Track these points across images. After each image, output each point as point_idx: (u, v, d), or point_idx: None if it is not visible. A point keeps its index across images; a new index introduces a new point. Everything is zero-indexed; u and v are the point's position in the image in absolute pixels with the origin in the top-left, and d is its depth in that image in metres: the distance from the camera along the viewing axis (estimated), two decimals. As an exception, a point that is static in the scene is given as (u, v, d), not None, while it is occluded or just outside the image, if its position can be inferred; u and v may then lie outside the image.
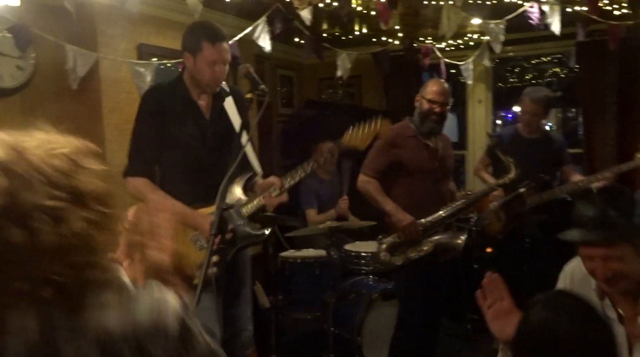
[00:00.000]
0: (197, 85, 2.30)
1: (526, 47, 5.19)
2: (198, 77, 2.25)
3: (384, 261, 2.90)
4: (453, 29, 3.42)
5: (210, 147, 2.31)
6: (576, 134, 7.88)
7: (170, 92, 2.31)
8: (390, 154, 2.96)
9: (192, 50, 2.22)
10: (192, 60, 2.23)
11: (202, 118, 2.33)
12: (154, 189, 2.26)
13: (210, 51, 2.20)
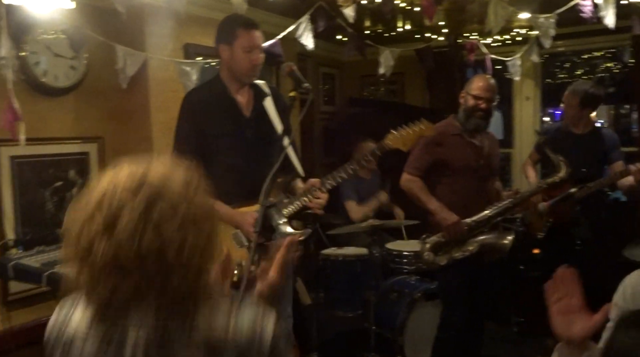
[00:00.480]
0: (235, 79, 2.32)
1: (577, 41, 5.01)
2: (235, 67, 2.28)
3: (428, 261, 2.86)
4: (500, 24, 3.33)
5: (250, 144, 2.31)
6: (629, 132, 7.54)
7: (209, 90, 2.35)
8: (435, 152, 2.91)
9: (227, 40, 2.27)
10: (229, 50, 2.27)
11: (241, 115, 2.35)
12: None
13: (245, 37, 2.25)
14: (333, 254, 3.72)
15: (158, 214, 0.91)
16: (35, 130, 2.86)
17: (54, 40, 2.94)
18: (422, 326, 3.38)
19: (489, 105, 2.88)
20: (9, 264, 2.48)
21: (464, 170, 2.90)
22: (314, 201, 2.26)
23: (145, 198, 0.92)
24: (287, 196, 2.34)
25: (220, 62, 2.36)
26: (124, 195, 0.92)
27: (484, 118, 2.89)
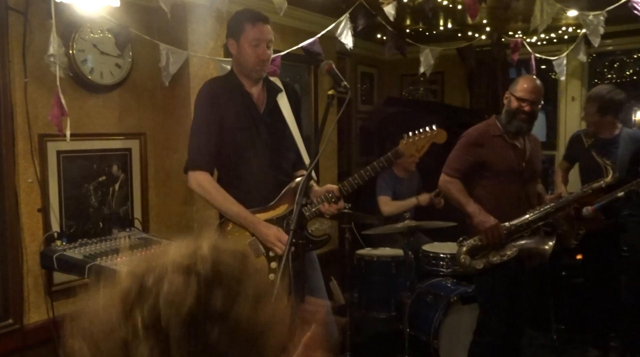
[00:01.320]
0: (242, 72, 2.31)
1: (628, 40, 4.83)
2: (243, 61, 2.26)
3: (464, 264, 2.80)
4: (546, 22, 3.23)
5: (263, 140, 2.29)
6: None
7: (225, 84, 2.33)
8: (475, 153, 2.84)
9: (235, 35, 2.26)
10: (236, 45, 2.26)
11: (256, 110, 2.32)
12: (216, 186, 2.25)
13: (252, 31, 2.22)
14: (368, 255, 3.70)
15: (221, 299, 0.69)
16: (80, 126, 2.95)
17: (101, 38, 3.02)
18: (457, 330, 3.32)
19: (533, 108, 2.79)
20: (54, 255, 2.56)
21: (504, 173, 2.83)
22: (327, 207, 2.21)
23: (201, 284, 0.68)
24: (306, 200, 2.26)
25: (233, 59, 2.35)
26: (172, 278, 0.69)
27: (527, 121, 2.80)
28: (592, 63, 5.38)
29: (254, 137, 2.29)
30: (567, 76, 4.73)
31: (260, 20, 2.26)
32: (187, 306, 0.66)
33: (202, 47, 3.45)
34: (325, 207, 2.21)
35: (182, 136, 3.46)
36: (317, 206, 2.23)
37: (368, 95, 5.67)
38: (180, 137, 3.46)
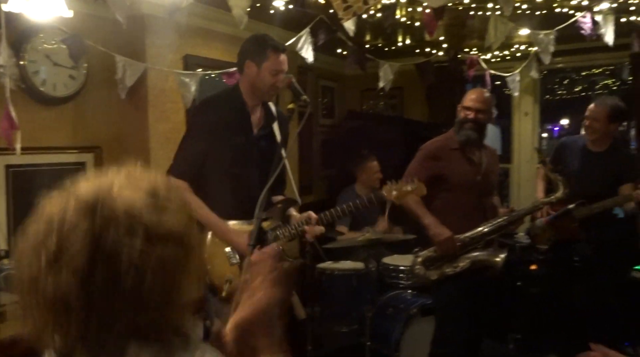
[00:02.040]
0: (255, 94, 2.37)
1: (576, 58, 5.04)
2: (259, 85, 2.32)
3: (419, 275, 2.85)
4: (500, 39, 3.35)
5: (253, 161, 2.34)
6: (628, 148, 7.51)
7: (227, 101, 2.38)
8: (432, 166, 2.90)
9: (256, 59, 2.31)
10: (256, 68, 2.31)
11: (252, 131, 2.38)
12: (194, 196, 2.30)
13: (275, 60, 2.30)
14: (329, 268, 3.69)
15: (112, 240, 0.76)
16: (32, 139, 2.85)
17: (54, 49, 2.94)
18: (418, 342, 3.34)
19: (477, 116, 2.85)
20: (1, 274, 2.45)
21: (461, 186, 2.89)
22: (309, 230, 2.30)
23: (97, 222, 0.77)
24: (283, 222, 2.37)
25: (242, 76, 2.39)
26: (73, 219, 0.78)
27: (474, 129, 2.86)
28: (544, 80, 5.59)
29: (245, 157, 2.34)
30: (520, 92, 4.89)
31: (284, 51, 2.36)
32: (78, 245, 0.75)
33: (161, 59, 3.40)
34: (309, 228, 2.30)
35: (140, 150, 3.39)
36: (294, 230, 2.32)
37: (329, 109, 5.71)
38: (139, 150, 3.39)
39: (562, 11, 3.53)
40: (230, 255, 2.30)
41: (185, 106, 3.44)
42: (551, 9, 3.52)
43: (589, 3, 3.37)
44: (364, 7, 2.33)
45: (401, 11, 3.57)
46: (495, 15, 3.34)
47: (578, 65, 5.78)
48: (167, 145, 3.49)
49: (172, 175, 2.31)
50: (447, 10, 3.03)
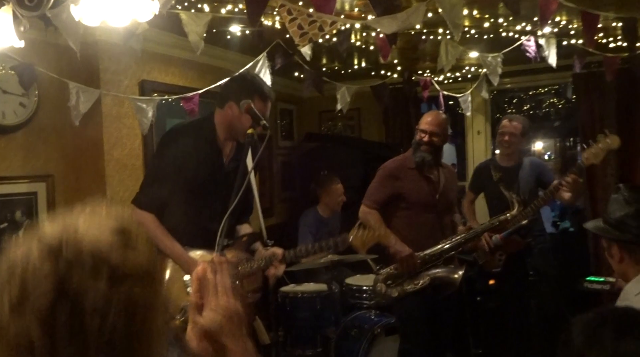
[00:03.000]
0: (229, 133, 2.34)
1: (523, 79, 5.26)
2: (237, 126, 2.29)
3: (380, 292, 2.88)
4: (451, 62, 3.46)
5: (221, 193, 2.31)
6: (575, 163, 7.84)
7: (198, 132, 2.34)
8: (391, 185, 2.96)
9: (239, 101, 2.26)
10: (238, 111, 2.26)
11: (221, 165, 2.36)
12: (159, 226, 2.27)
13: (259, 106, 2.25)
14: (292, 291, 3.67)
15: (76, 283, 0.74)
16: (-20, 169, 2.75)
17: (3, 76, 2.86)
18: (383, 362, 3.36)
19: (432, 139, 2.94)
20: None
21: (419, 204, 2.95)
22: (271, 270, 2.30)
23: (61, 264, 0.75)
24: (247, 256, 2.37)
25: (221, 111, 2.35)
26: (37, 262, 0.76)
27: (429, 152, 2.95)
28: (494, 99, 5.81)
29: (214, 188, 2.32)
30: (473, 112, 5.06)
31: (270, 98, 2.33)
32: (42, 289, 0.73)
33: (116, 85, 3.36)
34: (271, 271, 2.30)
35: (95, 178, 3.32)
36: (256, 265, 2.31)
37: (288, 131, 5.74)
38: (93, 178, 3.31)
39: (508, 35, 3.70)
40: (189, 283, 2.28)
41: (142, 132, 3.39)
42: (498, 33, 3.69)
43: (532, 28, 3.55)
44: (320, 33, 2.38)
45: (356, 36, 3.66)
46: (446, 39, 3.46)
47: (525, 86, 6.04)
48: (123, 172, 3.43)
49: (137, 207, 2.28)
50: (400, 35, 3.13)
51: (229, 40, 3.71)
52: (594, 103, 4.74)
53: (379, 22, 2.43)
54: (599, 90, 4.68)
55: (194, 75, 4.01)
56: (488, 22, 3.48)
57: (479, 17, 3.39)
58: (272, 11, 2.98)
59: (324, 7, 2.34)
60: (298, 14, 2.33)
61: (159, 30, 3.47)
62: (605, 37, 3.84)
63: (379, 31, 2.89)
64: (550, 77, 5.13)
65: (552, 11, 2.64)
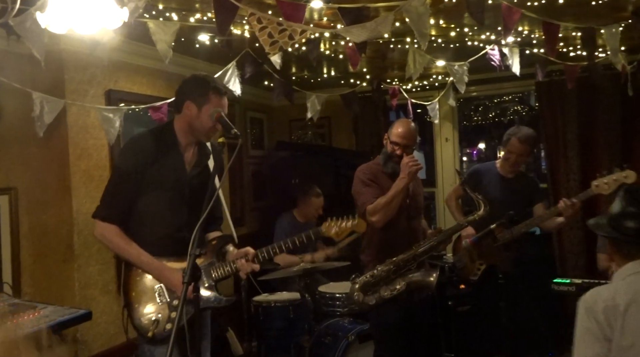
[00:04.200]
0: (191, 134, 2.31)
1: (488, 87, 5.38)
2: (198, 126, 2.27)
3: (357, 301, 2.87)
4: (419, 71, 3.52)
5: (186, 201, 2.29)
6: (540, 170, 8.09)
7: (158, 139, 2.30)
8: (374, 186, 2.97)
9: (197, 100, 2.24)
10: (196, 110, 2.24)
11: (184, 170, 2.33)
12: (123, 237, 2.23)
13: (217, 103, 2.25)
14: (265, 300, 3.65)
15: None
16: (-62, 182, 2.64)
17: (-38, 86, 2.77)
18: (357, 369, 3.36)
19: (405, 152, 2.97)
20: None
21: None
22: (244, 263, 2.27)
23: None
24: (219, 259, 2.35)
25: (179, 115, 2.32)
26: None
27: (399, 163, 2.98)
28: (461, 107, 5.93)
29: (177, 197, 2.28)
30: (440, 119, 5.15)
31: (226, 94, 2.32)
32: None
33: (82, 95, 3.29)
34: (242, 262, 2.27)
35: (60, 190, 3.23)
36: (229, 267, 2.29)
37: (258, 140, 5.73)
38: (58, 190, 3.23)
39: (473, 44, 3.80)
40: (159, 294, 2.24)
41: (109, 142, 3.33)
42: (463, 42, 3.77)
43: (496, 37, 3.65)
44: (290, 41, 2.39)
45: (325, 45, 3.68)
46: (414, 48, 3.53)
47: (490, 94, 6.18)
48: (89, 184, 3.35)
49: (100, 219, 2.24)
50: (369, 44, 3.17)
51: (198, 49, 3.69)
52: (556, 110, 4.89)
53: (348, 31, 2.46)
54: (560, 97, 4.83)
55: (163, 85, 3.97)
56: (454, 31, 3.56)
57: (445, 26, 3.47)
58: (241, 20, 2.97)
59: (293, 16, 2.36)
60: (268, 22, 2.34)
61: (126, 39, 3.43)
62: (565, 46, 3.98)
63: (348, 40, 2.92)
64: (514, 85, 5.27)
65: (515, 21, 2.73)
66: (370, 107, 5.39)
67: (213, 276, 2.30)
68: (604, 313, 1.73)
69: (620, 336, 1.69)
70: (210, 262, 2.32)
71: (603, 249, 3.89)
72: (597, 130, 4.76)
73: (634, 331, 1.69)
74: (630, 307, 1.72)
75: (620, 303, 1.72)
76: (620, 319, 1.71)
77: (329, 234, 2.47)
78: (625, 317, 1.71)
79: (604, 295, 1.77)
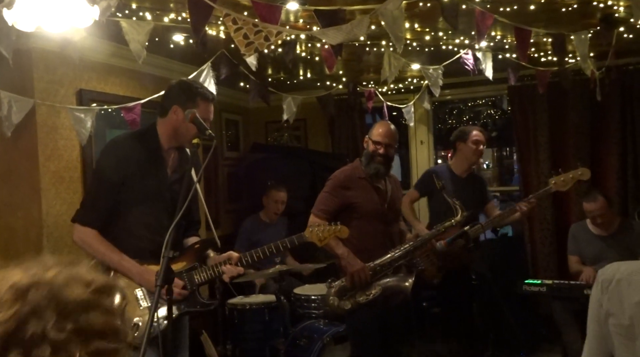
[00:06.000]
0: (175, 139, 2.29)
1: (462, 90, 5.46)
2: (182, 131, 2.24)
3: (333, 305, 2.86)
4: (394, 74, 3.55)
5: (167, 205, 2.26)
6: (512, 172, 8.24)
7: (140, 142, 2.28)
8: (342, 195, 2.97)
9: (184, 105, 2.22)
10: (183, 115, 2.22)
11: (165, 174, 2.30)
12: (103, 242, 2.19)
13: (204, 109, 2.23)
14: (240, 303, 3.62)
15: (47, 322, 0.73)
16: None
17: None
18: (332, 371, 3.36)
19: (388, 151, 3.00)
20: None
21: (370, 214, 2.98)
22: (227, 270, 2.26)
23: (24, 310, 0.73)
24: (200, 263, 2.32)
25: (164, 119, 2.29)
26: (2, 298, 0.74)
27: (383, 163, 3.00)
28: (435, 110, 6.00)
29: (158, 201, 2.26)
30: (415, 122, 5.20)
31: (213, 100, 2.31)
32: (4, 328, 0.71)
33: (52, 94, 3.22)
34: (227, 267, 2.26)
35: (30, 191, 3.15)
36: (211, 271, 2.27)
37: (234, 141, 5.69)
38: (27, 192, 3.15)
39: (447, 48, 3.85)
40: (140, 298, 2.21)
41: (80, 143, 3.27)
42: (438, 46, 3.82)
43: (470, 41, 3.71)
44: (266, 43, 2.38)
45: (301, 47, 3.68)
46: (389, 51, 3.55)
47: (464, 97, 6.28)
48: (60, 185, 3.28)
49: (80, 223, 2.20)
50: (345, 47, 3.18)
51: (172, 49, 3.65)
52: (528, 114, 4.99)
53: (324, 33, 2.46)
54: (532, 102, 4.93)
55: (136, 85, 3.91)
56: (429, 35, 3.60)
57: (420, 30, 3.50)
58: (216, 20, 2.95)
59: (269, 18, 2.35)
60: (243, 23, 2.33)
61: (98, 38, 3.36)
62: (537, 51, 4.06)
63: (324, 42, 2.93)
64: (487, 89, 5.36)
65: (488, 26, 2.77)
66: (346, 109, 5.41)
67: (195, 280, 2.27)
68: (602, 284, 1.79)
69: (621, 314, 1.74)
70: (192, 266, 2.29)
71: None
72: (567, 134, 4.87)
73: (632, 308, 1.74)
74: (621, 282, 1.78)
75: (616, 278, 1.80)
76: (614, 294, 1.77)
77: (312, 239, 2.46)
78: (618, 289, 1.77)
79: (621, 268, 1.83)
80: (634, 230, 3.87)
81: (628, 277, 1.78)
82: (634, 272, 1.81)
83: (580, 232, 4.02)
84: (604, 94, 4.12)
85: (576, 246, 4.00)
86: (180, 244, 2.35)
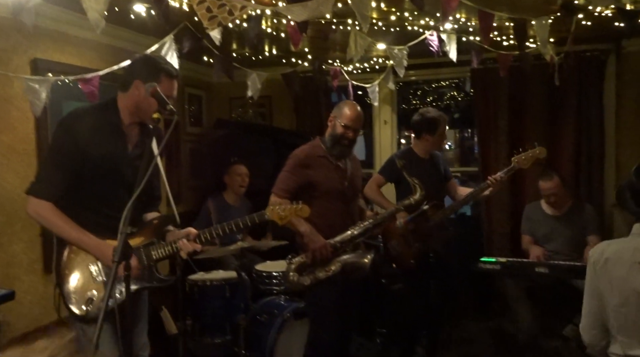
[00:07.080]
0: (136, 115, 2.24)
1: (427, 71, 5.50)
2: (145, 107, 2.19)
3: (293, 282, 2.90)
4: (360, 53, 3.55)
5: (127, 180, 2.22)
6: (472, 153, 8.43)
7: (100, 116, 2.22)
8: (302, 174, 2.98)
9: (146, 80, 2.17)
10: (145, 90, 2.16)
11: (126, 149, 2.26)
12: (60, 215, 2.14)
13: (167, 85, 2.19)
14: (201, 279, 3.62)
15: None
16: None
17: None
18: (292, 346, 3.42)
19: (356, 135, 3.04)
20: None
21: (330, 192, 3.01)
22: (183, 246, 2.24)
23: None
24: (159, 240, 2.30)
25: (125, 94, 2.23)
26: None
27: (349, 146, 3.04)
28: (400, 91, 6.04)
29: (118, 176, 2.21)
30: (380, 102, 5.23)
31: (177, 76, 2.26)
32: None
33: (4, 63, 3.09)
34: (183, 242, 2.24)
35: (-20, 163, 3.04)
36: (169, 247, 2.25)
37: (197, 117, 5.60)
38: (-22, 163, 3.04)
39: (413, 29, 3.86)
40: (96, 272, 2.18)
41: (34, 114, 3.15)
42: (404, 27, 3.83)
43: (435, 23, 3.73)
44: (230, 17, 2.34)
45: (267, 22, 3.63)
46: (355, 30, 3.54)
47: (428, 78, 6.34)
48: (13, 158, 3.18)
49: (34, 196, 2.13)
50: (311, 24, 3.15)
51: (133, 20, 3.54)
52: (489, 97, 5.09)
53: (289, 10, 2.44)
54: (493, 85, 5.03)
55: (94, 56, 3.79)
56: (394, 15, 3.61)
57: (386, 10, 3.50)
58: (179, -8, 2.87)
59: (233, -9, 2.31)
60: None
61: (54, 5, 3.23)
62: (499, 35, 4.12)
63: (289, 18, 2.89)
64: (451, 71, 5.42)
65: (453, 8, 2.80)
66: (312, 87, 5.39)
67: (153, 255, 2.25)
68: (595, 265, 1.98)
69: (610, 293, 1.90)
70: (150, 242, 2.27)
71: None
72: (525, 117, 5.00)
73: (621, 287, 1.89)
74: (608, 261, 1.93)
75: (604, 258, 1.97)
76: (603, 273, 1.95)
77: (273, 217, 2.47)
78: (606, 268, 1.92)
79: None
80: (585, 211, 4.05)
81: (615, 255, 1.92)
82: (620, 249, 1.94)
83: (533, 212, 4.19)
84: (562, 79, 4.24)
85: (529, 225, 4.17)
86: (139, 220, 2.32)
